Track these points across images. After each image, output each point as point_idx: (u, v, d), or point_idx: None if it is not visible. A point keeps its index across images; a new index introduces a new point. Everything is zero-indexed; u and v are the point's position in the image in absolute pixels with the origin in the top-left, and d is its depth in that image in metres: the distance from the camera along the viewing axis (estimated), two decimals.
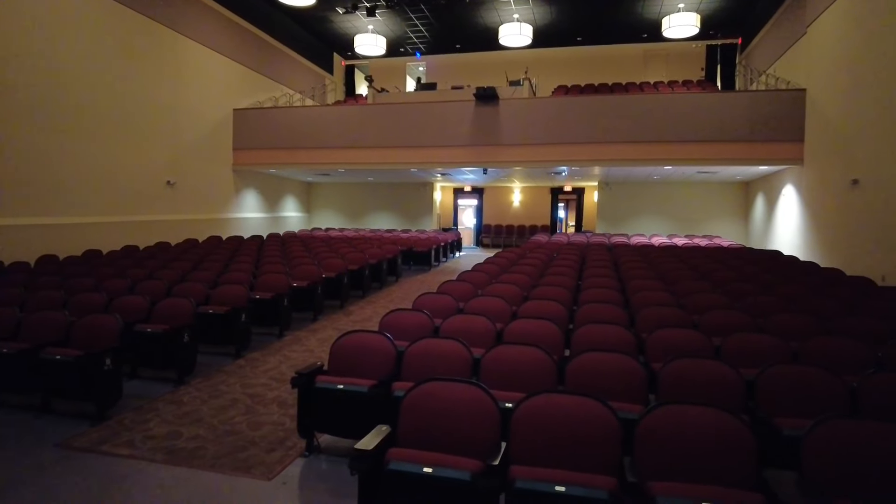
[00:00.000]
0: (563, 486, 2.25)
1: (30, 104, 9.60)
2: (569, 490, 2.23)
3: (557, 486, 2.25)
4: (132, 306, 5.73)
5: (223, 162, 15.27)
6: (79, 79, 10.58)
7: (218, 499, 3.15)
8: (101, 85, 11.10)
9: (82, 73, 10.66)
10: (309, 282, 7.92)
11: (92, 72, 10.88)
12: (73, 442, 3.90)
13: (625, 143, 12.61)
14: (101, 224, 11.08)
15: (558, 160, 13.40)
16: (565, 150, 13.18)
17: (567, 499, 2.24)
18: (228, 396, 4.92)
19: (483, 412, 2.68)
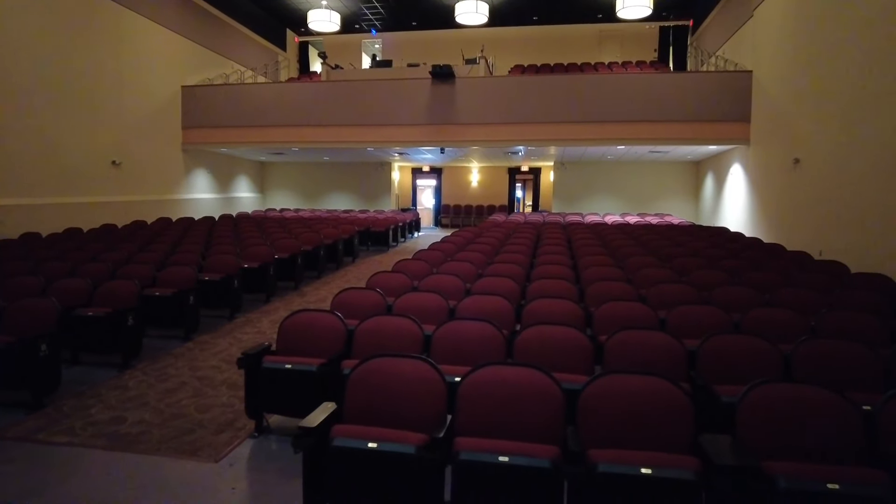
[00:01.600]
0: (507, 456, 2.28)
1: None
2: (512, 460, 2.27)
3: (501, 457, 2.28)
4: (72, 290, 5.49)
5: (172, 141, 14.72)
6: (15, 52, 9.96)
7: (162, 483, 3.08)
8: (39, 59, 10.48)
9: (20, 46, 10.03)
10: (260, 262, 7.76)
11: (30, 45, 10.26)
12: (5, 432, 3.73)
13: (579, 123, 12.74)
14: (41, 206, 10.55)
15: (515, 140, 13.45)
16: (522, 129, 13.23)
17: (511, 468, 2.28)
18: (176, 380, 4.81)
19: (429, 386, 2.69)
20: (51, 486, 3.04)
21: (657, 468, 2.23)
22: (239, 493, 2.99)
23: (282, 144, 14.84)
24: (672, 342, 3.54)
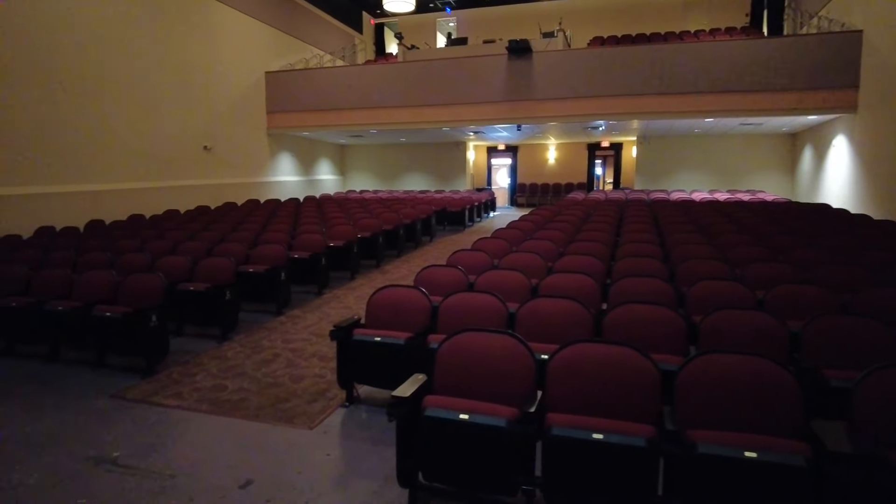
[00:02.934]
0: (601, 433, 2.24)
1: (72, 74, 9.78)
2: (606, 437, 2.22)
3: (594, 434, 2.24)
4: (175, 266, 5.89)
5: (257, 126, 15.38)
6: (118, 47, 10.71)
7: (262, 447, 3.27)
8: (139, 53, 11.22)
9: (121, 41, 10.77)
10: (345, 241, 8.00)
11: (130, 40, 10.99)
12: (126, 393, 4.09)
13: (664, 95, 12.13)
14: (143, 189, 11.37)
15: (595, 114, 13.01)
16: (602, 103, 12.77)
17: (604, 446, 2.24)
18: (270, 351, 5.06)
19: (517, 361, 2.68)
20: (164, 445, 3.31)
21: (763, 451, 2.12)
22: (333, 459, 3.12)
23: (360, 127, 15.13)
24: (773, 323, 3.34)
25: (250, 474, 2.93)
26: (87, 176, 10.15)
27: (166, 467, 3.01)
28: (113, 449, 3.22)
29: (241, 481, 2.86)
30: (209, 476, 2.93)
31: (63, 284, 5.21)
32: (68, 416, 3.72)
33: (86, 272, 5.38)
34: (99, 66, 10.37)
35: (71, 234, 8.33)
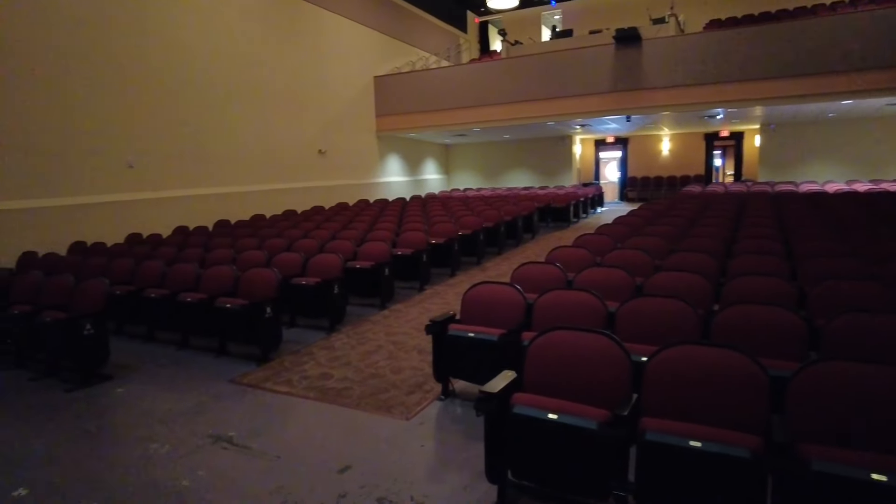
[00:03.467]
0: (700, 441, 2.10)
1: (203, 89, 10.81)
2: (705, 446, 2.08)
3: (693, 441, 2.10)
4: (289, 262, 6.31)
5: (367, 129, 16.04)
6: (239, 62, 11.66)
7: (361, 434, 3.42)
8: (256, 65, 12.14)
9: (241, 56, 11.72)
10: (446, 238, 8.13)
11: (248, 54, 11.93)
12: (242, 379, 4.45)
13: (792, 78, 11.06)
14: (264, 192, 12.30)
15: (712, 102, 12.16)
16: (720, 90, 11.91)
17: (703, 455, 2.09)
18: (374, 343, 5.27)
19: (611, 361, 2.57)
20: (273, 427, 3.56)
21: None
22: (427, 450, 3.19)
23: (464, 126, 15.29)
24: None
25: (349, 460, 3.07)
26: (218, 180, 11.16)
27: (274, 448, 3.24)
28: (229, 429, 3.52)
29: (339, 466, 3.00)
30: (311, 459, 3.11)
31: (192, 278, 5.77)
32: (195, 397, 4.12)
33: (211, 267, 5.91)
34: (226, 80, 11.35)
35: (201, 232, 9.20)
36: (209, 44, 11.05)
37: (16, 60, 8.00)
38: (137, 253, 7.20)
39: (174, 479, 2.93)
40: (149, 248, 7.57)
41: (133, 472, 3.05)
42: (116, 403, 4.12)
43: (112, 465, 3.15)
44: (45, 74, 8.43)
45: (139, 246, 7.91)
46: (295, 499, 2.71)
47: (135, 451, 3.30)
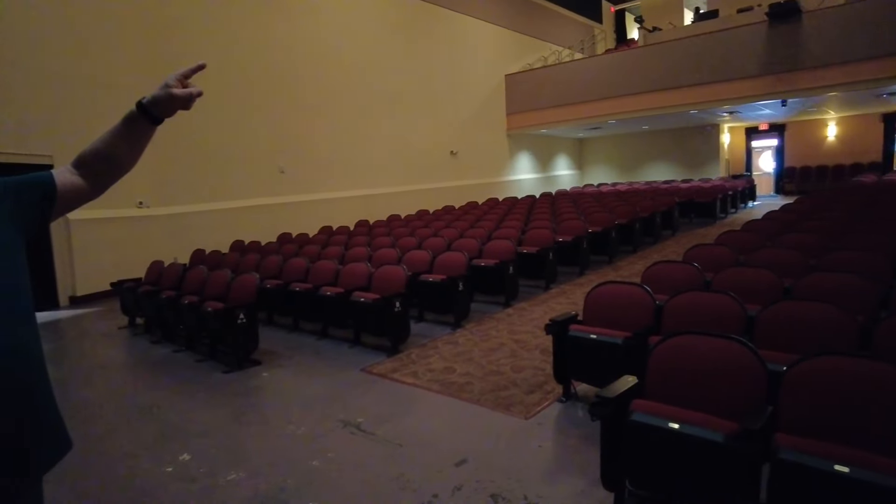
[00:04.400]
0: (848, 466, 1.84)
1: (345, 98, 11.59)
2: (854, 472, 1.81)
3: (838, 466, 1.85)
4: (418, 259, 6.55)
5: (498, 128, 16.14)
6: (375, 70, 12.33)
7: (480, 429, 3.45)
8: (392, 71, 12.75)
9: (377, 63, 12.38)
10: (573, 236, 7.93)
11: (384, 60, 12.56)
12: (372, 369, 4.71)
13: None
14: (400, 193, 12.89)
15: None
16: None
17: (853, 483, 1.83)
18: (497, 341, 5.30)
19: (743, 370, 2.34)
20: (398, 416, 3.72)
21: None
22: (544, 451, 3.14)
23: (599, 118, 14.79)
24: None
25: (466, 454, 3.12)
26: (358, 183, 11.92)
27: (396, 437, 3.39)
28: (358, 415, 3.75)
29: (456, 459, 3.06)
30: (430, 450, 3.20)
31: (332, 274, 6.21)
32: (330, 384, 4.44)
33: (349, 264, 6.32)
34: (366, 89, 12.07)
35: (343, 232, 9.86)
36: (351, 55, 11.83)
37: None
38: (286, 251, 7.91)
39: (307, 459, 3.18)
40: (296, 247, 8.27)
41: (272, 448, 3.37)
42: (263, 386, 4.58)
43: (256, 440, 3.51)
44: (210, 91, 9.56)
45: (288, 244, 8.67)
46: (412, 487, 2.81)
47: (275, 430, 3.64)
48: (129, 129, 1.34)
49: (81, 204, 1.35)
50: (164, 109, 1.33)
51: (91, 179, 1.34)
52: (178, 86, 1.33)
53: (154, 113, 1.33)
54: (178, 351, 5.69)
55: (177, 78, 1.34)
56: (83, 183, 1.33)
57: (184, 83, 1.35)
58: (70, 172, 1.32)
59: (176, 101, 1.32)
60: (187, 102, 1.34)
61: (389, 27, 12.78)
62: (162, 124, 1.35)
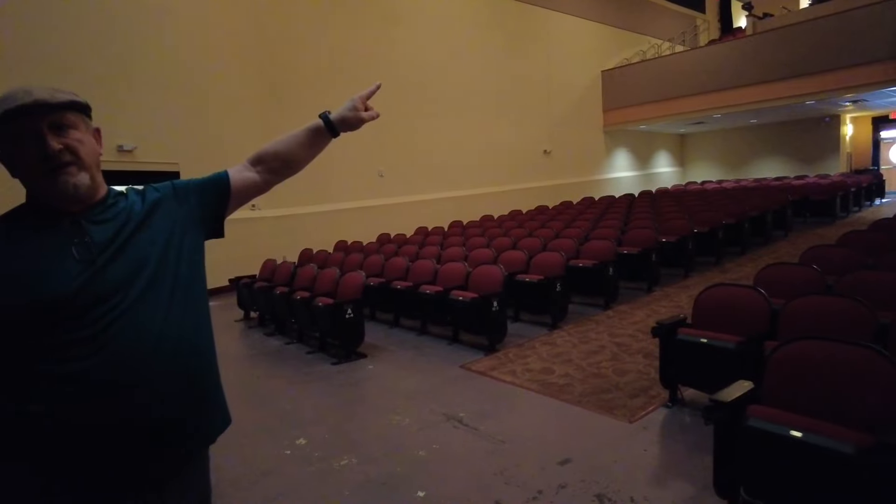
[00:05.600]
0: None
1: (437, 99, 11.84)
2: None
3: None
4: (514, 259, 6.58)
5: (593, 125, 15.79)
6: (469, 70, 12.48)
7: (582, 431, 3.44)
8: (485, 71, 12.85)
9: (470, 63, 12.52)
10: (677, 237, 7.62)
11: (478, 60, 12.68)
12: (471, 366, 4.81)
13: None
14: (493, 193, 12.97)
15: None
16: None
17: None
18: (596, 343, 5.22)
19: (879, 380, 2.18)
20: (498, 413, 3.79)
21: None
22: (649, 455, 3.08)
23: (703, 113, 14.09)
24: None
25: (569, 453, 3.12)
26: (452, 185, 12.13)
27: (499, 433, 3.45)
28: (459, 410, 3.85)
29: (560, 458, 3.08)
30: (533, 448, 3.24)
31: (430, 273, 6.39)
32: (431, 379, 4.59)
33: (446, 263, 6.47)
34: (461, 91, 12.27)
35: (438, 232, 10.08)
36: (446, 58, 12.07)
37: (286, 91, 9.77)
38: (386, 250, 8.22)
39: (413, 449, 3.32)
40: (395, 246, 8.57)
41: (380, 437, 3.55)
42: (369, 378, 4.81)
43: (365, 429, 3.71)
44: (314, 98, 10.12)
45: (387, 244, 9.00)
46: (517, 482, 2.86)
47: (382, 419, 3.83)
48: (312, 139, 1.51)
49: (251, 198, 1.52)
50: (347, 128, 1.49)
51: (265, 175, 1.51)
52: (363, 108, 1.48)
53: (338, 129, 1.48)
54: (290, 343, 6.10)
55: (361, 100, 1.49)
56: (257, 178, 1.50)
57: (366, 105, 1.49)
58: (246, 169, 1.49)
59: (363, 123, 1.47)
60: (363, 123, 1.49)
61: (484, 28, 12.89)
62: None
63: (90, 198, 1.21)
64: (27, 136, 1.11)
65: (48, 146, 1.12)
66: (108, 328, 1.11)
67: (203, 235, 1.39)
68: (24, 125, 1.10)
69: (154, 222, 1.27)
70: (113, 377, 1.10)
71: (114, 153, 8.17)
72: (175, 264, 1.26)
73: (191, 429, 1.26)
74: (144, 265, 1.20)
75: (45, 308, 1.08)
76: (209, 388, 1.31)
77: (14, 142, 1.12)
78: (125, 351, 1.12)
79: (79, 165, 1.16)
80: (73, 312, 1.09)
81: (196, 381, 1.26)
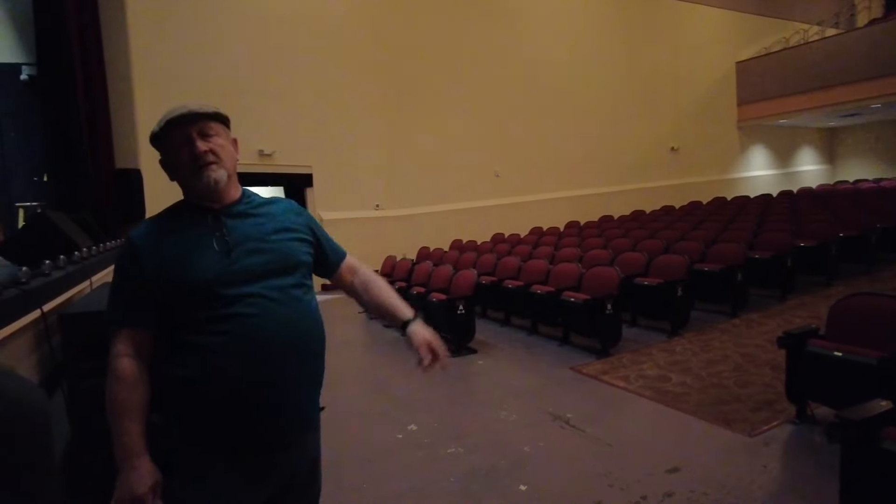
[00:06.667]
0: None
1: (555, 96, 11.72)
2: None
3: None
4: (632, 261, 6.39)
5: (725, 120, 14.76)
6: (592, 65, 12.20)
7: (695, 441, 3.30)
8: (611, 68, 12.50)
9: (595, 59, 12.23)
10: (819, 241, 6.92)
11: (603, 57, 12.36)
12: (582, 368, 4.76)
13: None
14: (613, 193, 12.58)
15: None
16: None
17: None
18: (719, 352, 4.94)
19: None
20: (606, 417, 3.74)
21: None
22: (769, 473, 2.89)
23: (858, 103, 12.62)
24: None
25: (679, 463, 3.02)
26: (569, 184, 11.96)
27: (606, 436, 3.41)
28: (567, 410, 3.85)
29: (668, 466, 2.98)
30: (641, 453, 3.17)
31: (542, 273, 6.39)
32: (539, 378, 4.62)
33: (559, 264, 6.44)
34: (581, 87, 12.07)
35: (553, 232, 10.00)
36: (565, 56, 11.93)
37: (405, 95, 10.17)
38: (499, 250, 8.32)
39: (518, 444, 3.39)
40: (508, 246, 8.65)
41: (486, 430, 3.65)
42: (478, 373, 4.94)
43: (472, 421, 3.84)
44: (434, 104, 10.49)
45: (501, 244, 9.10)
46: (620, 485, 2.83)
47: (489, 413, 3.93)
48: (387, 313, 1.65)
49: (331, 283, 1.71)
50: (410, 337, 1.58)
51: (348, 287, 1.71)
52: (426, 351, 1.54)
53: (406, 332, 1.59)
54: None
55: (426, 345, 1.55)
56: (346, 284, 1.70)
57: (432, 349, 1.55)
58: (350, 271, 1.70)
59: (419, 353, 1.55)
60: None
61: (607, 20, 12.54)
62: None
63: (227, 196, 1.44)
64: (182, 141, 1.37)
65: (196, 147, 1.36)
66: (242, 309, 1.31)
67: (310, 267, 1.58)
68: (180, 132, 1.36)
69: (285, 228, 1.49)
70: (247, 350, 1.30)
71: (255, 157, 9.06)
72: (297, 265, 1.47)
73: (314, 396, 1.46)
74: (274, 261, 1.41)
75: (196, 289, 1.31)
76: (321, 365, 1.49)
77: (173, 145, 1.38)
78: (252, 328, 1.31)
79: (218, 164, 1.39)
80: (215, 294, 1.31)
81: (314, 358, 1.45)
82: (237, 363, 1.29)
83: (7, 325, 1.85)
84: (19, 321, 1.95)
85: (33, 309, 2.03)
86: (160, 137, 1.38)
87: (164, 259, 1.33)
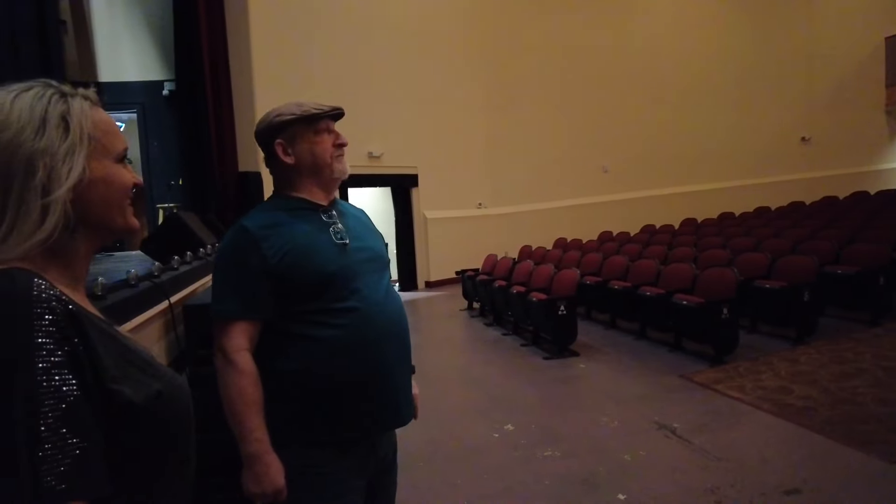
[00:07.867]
0: None
1: (670, 88, 11.10)
2: None
3: None
4: (753, 262, 5.91)
5: (869, 104, 13.17)
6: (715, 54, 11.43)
7: (820, 462, 2.98)
8: (736, 54, 11.66)
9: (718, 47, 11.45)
10: None
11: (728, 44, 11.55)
12: (693, 376, 4.48)
13: None
14: (733, 188, 11.71)
15: None
16: None
17: None
18: (854, 365, 4.44)
19: None
20: (717, 429, 3.48)
21: None
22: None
23: None
24: None
25: (799, 484, 2.74)
26: (684, 179, 11.32)
27: (715, 449, 3.18)
28: (674, 420, 3.63)
29: (787, 487, 2.72)
30: (754, 471, 2.92)
31: (653, 274, 6.08)
32: (645, 385, 4.41)
33: (671, 264, 6.09)
34: (700, 77, 11.37)
35: (666, 230, 9.48)
36: (681, 37, 11.28)
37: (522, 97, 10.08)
38: (606, 248, 8.03)
39: (619, 452, 3.25)
40: (616, 245, 8.33)
41: (585, 435, 3.55)
42: (579, 376, 4.81)
43: (570, 425, 3.74)
44: (537, 102, 10.33)
45: (608, 242, 8.79)
46: (729, 502, 2.62)
47: (589, 418, 3.81)
48: None
49: None
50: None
51: None
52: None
53: None
54: (506, 334, 6.38)
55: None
56: None
57: None
58: None
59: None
60: None
61: (729, 3, 11.66)
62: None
63: (334, 192, 1.53)
64: (326, 131, 1.46)
65: (341, 138, 1.49)
66: (355, 303, 1.37)
67: None
68: (325, 123, 1.46)
69: (370, 228, 1.59)
70: (364, 343, 1.35)
71: (365, 158, 9.45)
72: (388, 262, 1.57)
73: (409, 381, 1.51)
74: (375, 258, 1.49)
75: (320, 281, 1.35)
76: (410, 355, 1.54)
77: (317, 133, 1.45)
78: (367, 320, 1.37)
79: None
80: (336, 286, 1.36)
81: (408, 348, 1.51)
82: (355, 356, 1.34)
83: (141, 314, 2.09)
84: (151, 310, 2.19)
85: (162, 300, 2.27)
86: (292, 123, 1.42)
87: (288, 250, 1.35)
